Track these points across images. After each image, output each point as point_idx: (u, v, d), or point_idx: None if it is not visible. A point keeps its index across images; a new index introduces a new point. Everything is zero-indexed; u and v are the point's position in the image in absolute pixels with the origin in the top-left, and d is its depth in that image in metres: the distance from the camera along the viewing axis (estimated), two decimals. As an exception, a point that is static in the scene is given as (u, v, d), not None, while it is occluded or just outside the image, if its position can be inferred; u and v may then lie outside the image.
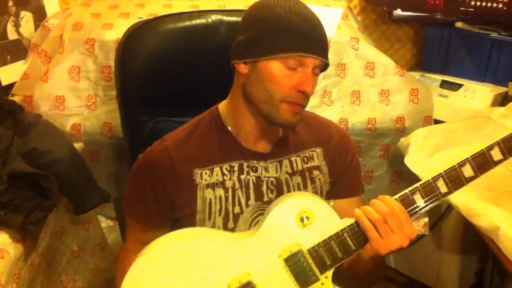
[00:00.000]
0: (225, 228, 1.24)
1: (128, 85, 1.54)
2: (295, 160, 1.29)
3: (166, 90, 1.54)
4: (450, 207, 2.15)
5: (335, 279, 1.16)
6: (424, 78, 2.35)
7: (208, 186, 1.23)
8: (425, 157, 1.76)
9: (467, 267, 2.26)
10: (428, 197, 1.13)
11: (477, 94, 2.18)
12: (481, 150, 1.14)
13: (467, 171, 1.14)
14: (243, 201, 1.24)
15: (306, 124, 1.33)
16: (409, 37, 2.65)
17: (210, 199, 1.23)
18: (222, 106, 1.30)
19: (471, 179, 1.14)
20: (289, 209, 1.15)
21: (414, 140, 1.82)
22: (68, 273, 1.77)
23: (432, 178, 1.13)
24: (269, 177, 1.26)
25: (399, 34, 2.64)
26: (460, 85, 2.24)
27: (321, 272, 1.15)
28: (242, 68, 1.18)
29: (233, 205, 1.24)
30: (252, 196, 1.25)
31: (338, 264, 1.15)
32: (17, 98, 1.84)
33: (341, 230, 1.14)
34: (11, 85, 1.91)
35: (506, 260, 1.36)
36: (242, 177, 1.25)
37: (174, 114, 1.52)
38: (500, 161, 1.15)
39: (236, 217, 1.24)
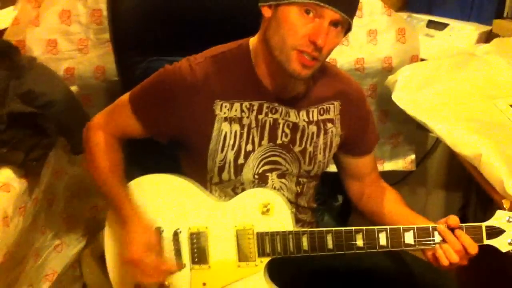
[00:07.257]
0: (235, 163, 1.28)
1: (121, 26, 1.56)
2: (312, 111, 1.31)
3: (159, 29, 1.56)
4: (436, 143, 2.22)
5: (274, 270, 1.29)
6: (411, 18, 2.38)
7: (225, 119, 1.25)
8: (412, 93, 1.80)
9: (451, 203, 2.35)
10: None
11: (462, 33, 2.21)
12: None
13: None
14: (256, 140, 1.27)
15: (327, 76, 1.33)
16: (396, -22, 2.65)
17: (226, 133, 1.25)
18: (253, 43, 1.27)
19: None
20: (260, 195, 1.27)
21: (401, 77, 1.85)
22: (68, 212, 1.82)
23: None
24: (287, 121, 1.28)
25: (385, -25, 2.63)
26: (446, 25, 2.27)
27: (259, 255, 1.25)
28: (266, 11, 1.17)
29: (246, 143, 1.27)
30: (265, 137, 1.28)
31: (274, 257, 1.25)
32: (9, 44, 1.85)
33: (288, 232, 1.24)
34: (3, 31, 1.91)
35: (489, 186, 1.42)
36: (260, 117, 1.27)
37: (168, 53, 1.54)
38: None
39: (247, 155, 1.28)
